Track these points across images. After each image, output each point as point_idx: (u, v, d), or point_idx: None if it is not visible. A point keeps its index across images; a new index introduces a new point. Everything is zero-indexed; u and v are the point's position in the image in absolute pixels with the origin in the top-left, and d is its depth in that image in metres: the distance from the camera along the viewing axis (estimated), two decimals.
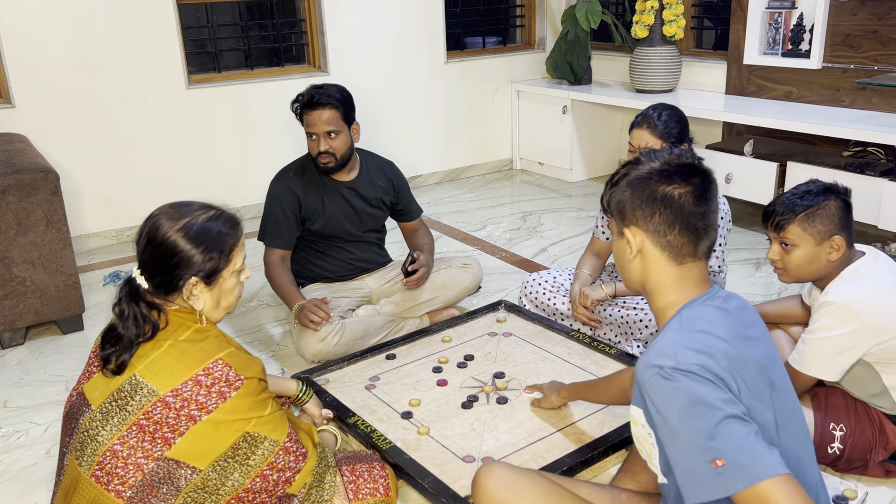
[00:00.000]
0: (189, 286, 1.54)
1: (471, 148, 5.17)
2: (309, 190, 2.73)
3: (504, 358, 2.48)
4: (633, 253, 1.37)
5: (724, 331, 1.28)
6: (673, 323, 1.32)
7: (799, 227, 1.85)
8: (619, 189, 1.38)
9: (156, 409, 1.47)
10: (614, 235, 1.43)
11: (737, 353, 1.26)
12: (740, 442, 1.17)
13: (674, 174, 1.33)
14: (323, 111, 2.60)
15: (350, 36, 4.49)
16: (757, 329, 1.36)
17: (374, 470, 1.78)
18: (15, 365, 2.76)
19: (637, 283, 1.41)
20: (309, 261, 2.82)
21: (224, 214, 1.60)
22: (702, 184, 1.34)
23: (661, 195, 1.33)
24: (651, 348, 1.28)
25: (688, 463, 1.20)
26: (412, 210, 2.96)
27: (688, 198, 1.32)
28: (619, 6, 4.96)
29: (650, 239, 1.35)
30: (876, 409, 1.89)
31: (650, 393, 1.24)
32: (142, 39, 3.90)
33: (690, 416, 1.19)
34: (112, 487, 1.47)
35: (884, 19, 3.58)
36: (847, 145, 3.65)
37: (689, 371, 1.20)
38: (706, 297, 1.34)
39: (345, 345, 2.56)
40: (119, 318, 1.53)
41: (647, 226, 1.35)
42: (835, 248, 1.84)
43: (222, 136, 4.25)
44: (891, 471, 1.90)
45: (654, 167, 1.35)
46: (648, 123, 2.39)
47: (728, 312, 1.32)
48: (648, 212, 1.34)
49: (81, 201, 3.94)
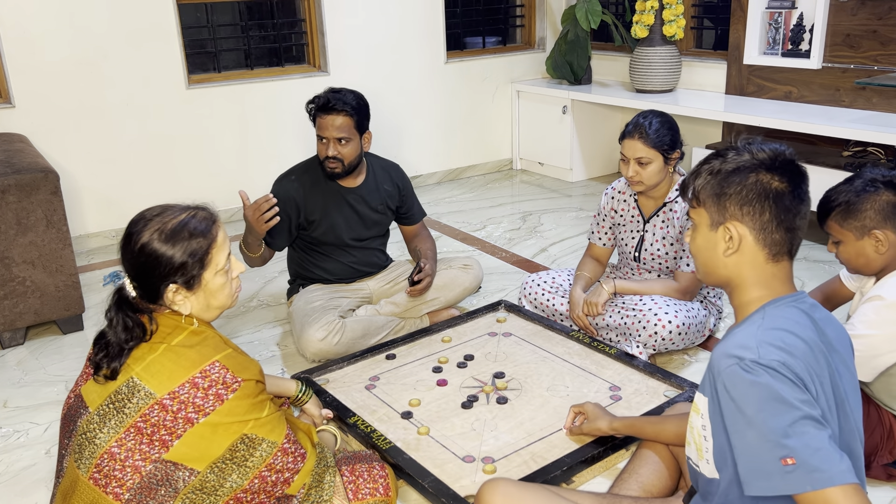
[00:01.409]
0: (170, 293, 1.52)
1: (471, 148, 5.17)
2: (311, 195, 2.71)
3: (504, 358, 2.48)
4: (733, 248, 1.30)
5: (808, 333, 1.25)
6: (756, 317, 1.28)
7: (836, 223, 1.80)
8: (718, 180, 1.30)
9: (153, 411, 1.47)
10: (700, 227, 1.35)
11: (815, 357, 1.23)
12: (815, 444, 1.15)
13: (779, 169, 1.28)
14: (336, 117, 2.57)
15: (350, 36, 4.49)
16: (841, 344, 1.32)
17: (373, 470, 1.77)
18: (15, 365, 2.76)
19: (723, 277, 1.35)
20: (310, 262, 2.82)
21: (198, 213, 1.56)
22: (804, 182, 1.30)
23: (773, 191, 1.27)
24: (730, 338, 1.25)
25: (756, 456, 1.18)
26: (415, 213, 2.95)
27: (792, 195, 1.27)
28: (619, 6, 4.96)
29: (753, 236, 1.29)
30: (888, 413, 1.87)
31: (726, 383, 1.21)
32: (142, 39, 3.90)
33: (767, 411, 1.16)
34: (110, 490, 1.47)
35: (884, 19, 3.57)
36: (847, 145, 3.65)
37: (770, 367, 1.18)
38: (793, 298, 1.30)
39: (345, 344, 2.56)
40: (108, 325, 1.53)
41: (753, 221, 1.28)
42: (880, 240, 1.76)
43: (222, 136, 4.25)
44: (893, 475, 1.89)
45: (761, 158, 1.29)
46: (640, 133, 2.39)
47: (814, 320, 1.29)
48: (758, 207, 1.27)
49: (81, 201, 3.94)
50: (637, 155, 2.40)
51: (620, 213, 2.67)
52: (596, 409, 1.97)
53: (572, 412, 2.03)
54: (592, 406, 1.98)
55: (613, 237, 2.73)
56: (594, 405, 1.98)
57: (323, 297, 2.72)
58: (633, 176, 2.43)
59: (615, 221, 2.70)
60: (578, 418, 2.01)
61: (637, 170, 2.42)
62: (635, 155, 2.41)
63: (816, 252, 3.50)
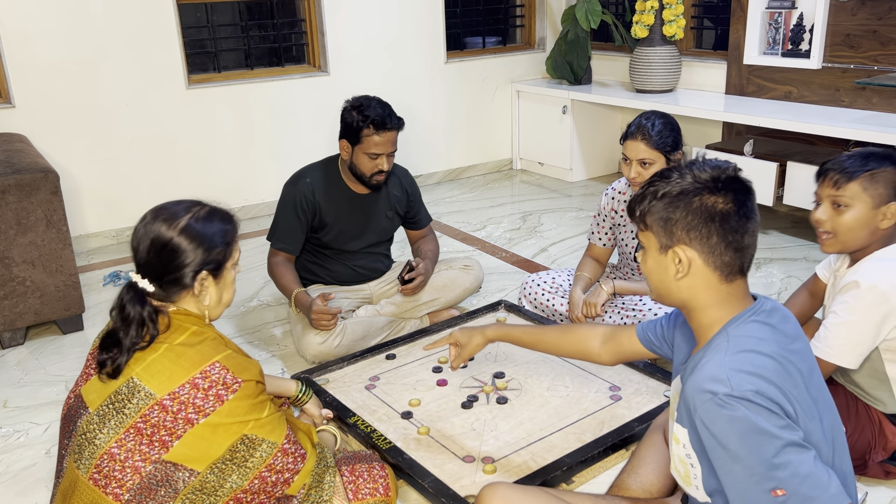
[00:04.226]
0: (200, 280, 1.55)
1: (471, 148, 5.17)
2: (327, 198, 2.69)
3: (504, 358, 2.48)
4: (682, 272, 1.30)
5: (772, 347, 1.25)
6: (720, 341, 1.27)
7: (860, 185, 1.75)
8: (663, 205, 1.29)
9: (153, 412, 1.47)
10: (650, 250, 1.34)
11: (786, 370, 1.24)
12: (802, 471, 1.16)
13: (722, 190, 1.26)
14: (393, 133, 2.59)
15: (350, 36, 4.49)
16: (800, 342, 1.32)
17: (373, 470, 1.77)
18: (15, 365, 2.76)
19: (678, 300, 1.34)
20: (314, 263, 2.81)
21: (218, 209, 1.63)
22: (749, 199, 1.29)
23: (718, 213, 1.26)
24: (701, 371, 1.24)
25: (746, 490, 1.19)
26: (422, 218, 2.94)
27: (737, 214, 1.26)
28: (619, 6, 4.96)
29: (703, 259, 1.28)
30: (876, 410, 1.88)
31: (704, 419, 1.21)
32: (142, 39, 3.90)
33: (749, 445, 1.17)
34: (110, 490, 1.47)
35: (884, 19, 3.57)
36: (847, 145, 3.64)
37: (744, 398, 1.17)
38: (751, 312, 1.30)
39: (346, 346, 2.56)
40: (122, 322, 1.51)
41: (701, 246, 1.27)
42: (889, 216, 1.75)
43: (222, 136, 4.25)
44: (890, 472, 1.89)
45: (703, 181, 1.28)
46: (643, 134, 2.38)
47: (773, 327, 1.28)
48: (704, 231, 1.26)
49: (81, 201, 3.94)
50: (640, 156, 2.40)
51: (620, 214, 2.67)
52: (464, 332, 1.94)
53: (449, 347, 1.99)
54: (459, 332, 1.96)
55: (613, 237, 2.73)
56: (459, 329, 1.96)
57: None
58: (636, 177, 2.43)
59: (615, 222, 2.70)
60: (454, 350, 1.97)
61: (639, 171, 2.41)
62: (638, 156, 2.40)
63: (816, 252, 3.50)
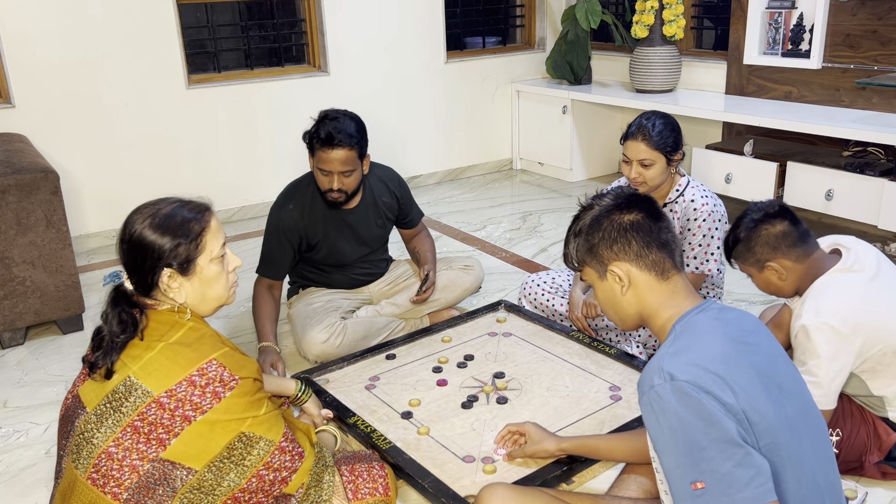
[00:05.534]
0: (164, 278, 1.53)
1: (471, 148, 5.17)
2: (311, 220, 2.63)
3: (504, 358, 2.48)
4: (625, 285, 1.40)
5: (717, 337, 1.28)
6: (668, 339, 1.33)
7: (739, 262, 1.93)
8: (583, 238, 1.44)
9: (150, 410, 1.47)
10: (594, 283, 1.46)
11: (732, 357, 1.25)
12: (725, 468, 1.17)
13: (625, 205, 1.42)
14: (340, 151, 2.45)
15: (350, 36, 4.49)
16: (758, 336, 1.34)
17: (373, 470, 1.77)
18: (15, 365, 2.76)
19: (634, 315, 1.43)
20: (312, 272, 2.79)
21: (191, 203, 1.58)
22: (650, 205, 1.43)
23: (628, 224, 1.40)
24: (646, 369, 1.29)
25: (674, 481, 1.22)
26: (414, 217, 2.92)
27: (647, 218, 1.40)
28: (619, 6, 4.96)
29: (635, 265, 1.40)
30: (869, 412, 1.88)
31: (644, 412, 1.26)
32: (142, 39, 3.90)
33: (677, 438, 1.20)
34: (108, 490, 1.47)
35: (884, 19, 3.57)
36: (847, 145, 3.65)
37: (678, 390, 1.20)
38: (698, 308, 1.36)
39: (347, 346, 2.56)
40: (104, 320, 1.53)
41: (627, 255, 1.39)
42: (776, 270, 1.85)
43: (222, 136, 4.25)
44: (887, 472, 1.89)
45: (606, 205, 1.43)
46: (643, 135, 2.38)
47: (723, 321, 1.32)
48: (624, 242, 1.39)
49: (81, 201, 3.94)
50: (640, 157, 2.39)
51: None
52: (538, 430, 1.88)
53: (507, 430, 1.93)
54: (533, 426, 1.89)
55: None
56: (534, 425, 1.89)
57: (323, 298, 2.72)
58: (636, 178, 2.42)
59: None
60: (514, 439, 1.92)
61: (640, 171, 2.41)
62: (638, 157, 2.40)
63: None
